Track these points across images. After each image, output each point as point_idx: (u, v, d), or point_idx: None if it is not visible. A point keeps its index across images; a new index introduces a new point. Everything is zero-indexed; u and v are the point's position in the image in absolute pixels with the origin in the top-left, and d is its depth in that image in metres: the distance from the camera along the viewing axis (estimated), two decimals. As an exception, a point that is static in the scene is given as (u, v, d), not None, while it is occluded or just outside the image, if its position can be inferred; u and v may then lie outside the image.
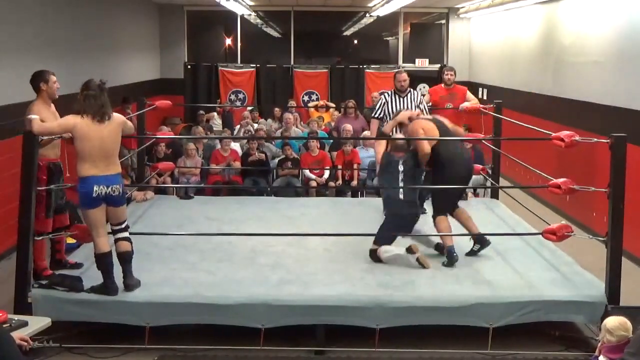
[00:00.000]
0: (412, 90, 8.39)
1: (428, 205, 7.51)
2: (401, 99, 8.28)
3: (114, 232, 5.87)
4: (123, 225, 5.88)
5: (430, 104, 9.12)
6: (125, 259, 5.82)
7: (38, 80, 6.16)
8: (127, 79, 13.24)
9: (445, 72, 9.38)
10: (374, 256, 6.59)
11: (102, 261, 5.75)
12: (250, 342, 5.63)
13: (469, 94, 9.41)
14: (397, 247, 6.57)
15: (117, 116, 5.85)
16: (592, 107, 9.28)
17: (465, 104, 9.07)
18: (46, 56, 9.12)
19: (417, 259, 6.43)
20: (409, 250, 6.47)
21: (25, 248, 5.70)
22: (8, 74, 8.17)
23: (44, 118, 5.92)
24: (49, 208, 6.11)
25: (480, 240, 6.79)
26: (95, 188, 5.59)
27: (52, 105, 6.26)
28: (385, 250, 6.53)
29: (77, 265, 6.41)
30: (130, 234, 5.95)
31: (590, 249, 6.87)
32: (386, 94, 8.54)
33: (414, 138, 6.78)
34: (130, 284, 5.79)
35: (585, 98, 9.56)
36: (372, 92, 15.86)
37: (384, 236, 6.58)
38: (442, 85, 9.36)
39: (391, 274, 6.34)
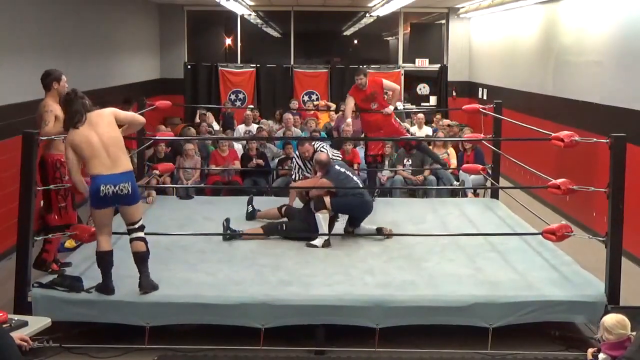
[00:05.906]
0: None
1: None
2: None
3: (128, 232, 5.81)
4: (137, 225, 5.77)
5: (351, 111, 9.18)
6: (140, 259, 5.76)
7: (51, 78, 6.41)
8: (127, 79, 13.23)
9: (355, 78, 9.13)
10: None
11: (101, 259, 5.73)
12: (250, 342, 5.63)
13: (386, 82, 9.19)
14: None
15: (102, 111, 5.70)
16: (592, 107, 9.27)
17: (466, 107, 9.05)
18: (46, 56, 9.10)
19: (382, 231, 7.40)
20: (379, 230, 7.42)
21: (25, 248, 5.70)
22: (8, 74, 8.16)
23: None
24: (73, 200, 6.37)
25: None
26: (102, 188, 5.51)
27: None
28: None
29: (66, 264, 6.49)
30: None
31: (590, 249, 6.88)
32: None
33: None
34: (145, 286, 5.71)
35: (585, 98, 9.55)
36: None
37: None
38: (358, 88, 9.05)
39: (391, 274, 6.34)
